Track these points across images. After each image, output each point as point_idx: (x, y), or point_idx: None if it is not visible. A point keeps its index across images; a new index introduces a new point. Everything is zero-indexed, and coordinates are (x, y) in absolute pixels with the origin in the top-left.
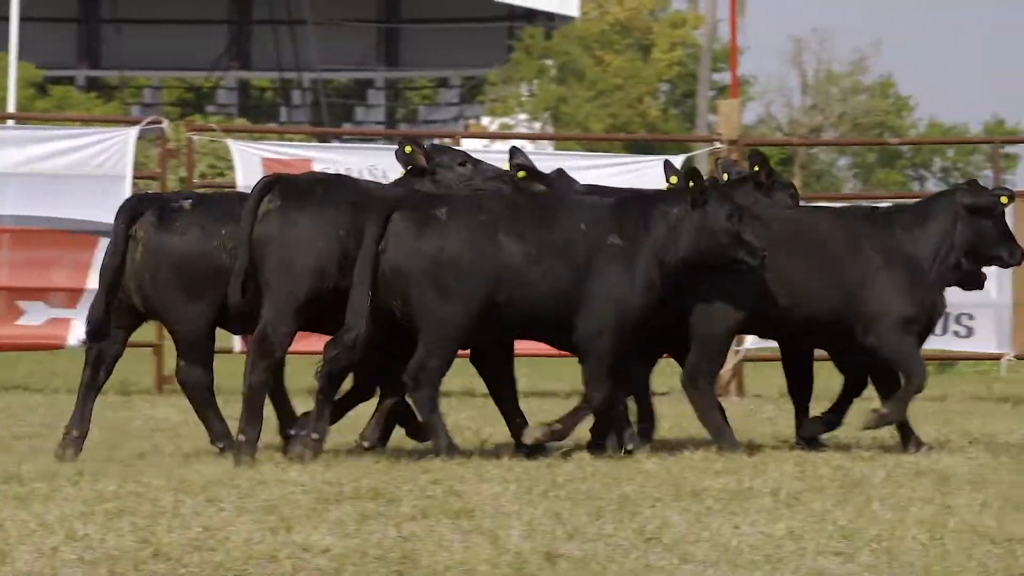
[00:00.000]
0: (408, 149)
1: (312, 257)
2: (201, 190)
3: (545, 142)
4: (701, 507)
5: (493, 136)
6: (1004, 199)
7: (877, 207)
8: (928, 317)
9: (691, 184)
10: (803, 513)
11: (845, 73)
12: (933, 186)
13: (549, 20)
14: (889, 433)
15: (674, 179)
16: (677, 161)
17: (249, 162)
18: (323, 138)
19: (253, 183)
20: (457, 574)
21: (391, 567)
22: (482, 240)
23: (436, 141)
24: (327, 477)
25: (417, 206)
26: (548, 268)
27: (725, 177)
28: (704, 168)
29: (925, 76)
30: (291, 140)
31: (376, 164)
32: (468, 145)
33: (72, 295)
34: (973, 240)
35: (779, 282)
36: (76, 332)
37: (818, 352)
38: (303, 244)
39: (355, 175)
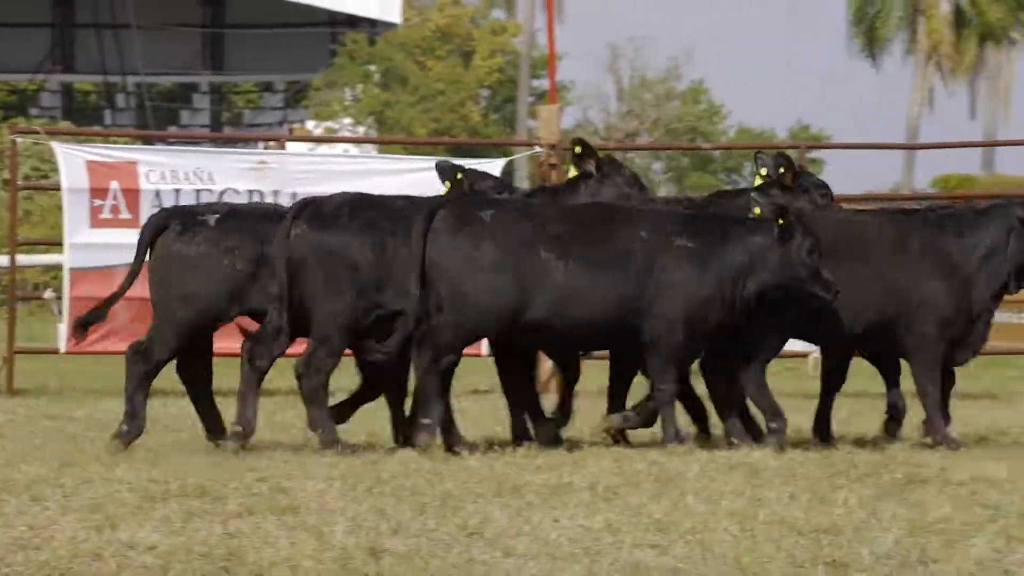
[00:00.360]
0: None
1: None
2: (23, 192)
3: (369, 146)
4: (522, 502)
5: (318, 140)
6: None
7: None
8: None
9: (780, 221)
10: (620, 507)
11: (659, 80)
12: None
13: (372, 26)
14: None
15: (758, 211)
16: (499, 164)
17: (73, 164)
18: (148, 141)
19: (77, 185)
20: (282, 570)
21: (217, 564)
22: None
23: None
24: (153, 475)
25: (466, 204)
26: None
27: (764, 172)
28: (524, 171)
29: (735, 83)
30: (116, 143)
31: (201, 167)
32: (294, 148)
33: None
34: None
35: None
36: None
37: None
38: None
39: (180, 177)
